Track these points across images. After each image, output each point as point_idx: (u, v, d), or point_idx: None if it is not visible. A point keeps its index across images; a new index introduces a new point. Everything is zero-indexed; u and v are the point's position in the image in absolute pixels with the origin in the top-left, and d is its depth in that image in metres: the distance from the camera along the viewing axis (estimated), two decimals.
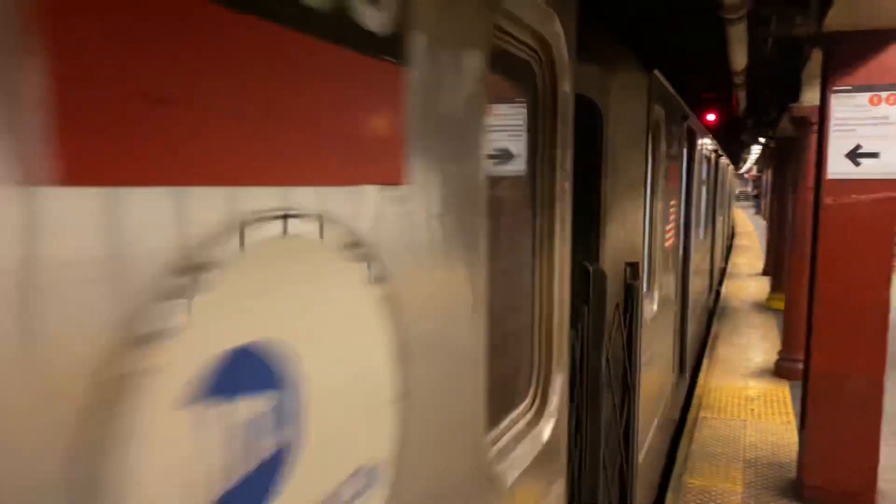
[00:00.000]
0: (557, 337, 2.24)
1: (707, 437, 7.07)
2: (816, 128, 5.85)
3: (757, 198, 54.25)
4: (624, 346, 4.00)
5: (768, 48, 7.02)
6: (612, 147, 3.51)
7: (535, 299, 2.18)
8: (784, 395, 8.42)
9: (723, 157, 15.12)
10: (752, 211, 54.40)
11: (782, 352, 9.38)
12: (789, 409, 7.84)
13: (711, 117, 10.64)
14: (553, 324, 2.21)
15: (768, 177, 26.28)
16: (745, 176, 59.19)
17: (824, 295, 5.40)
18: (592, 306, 3.15)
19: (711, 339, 11.29)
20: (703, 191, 10.25)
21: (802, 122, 8.49)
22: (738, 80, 7.68)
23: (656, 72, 4.88)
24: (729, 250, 24.52)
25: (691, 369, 8.80)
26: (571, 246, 2.38)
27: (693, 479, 6.09)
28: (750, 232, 34.87)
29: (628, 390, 4.10)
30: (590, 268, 3.15)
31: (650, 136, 4.77)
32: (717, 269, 16.00)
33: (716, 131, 11.40)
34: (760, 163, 30.91)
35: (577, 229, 2.47)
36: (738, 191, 55.12)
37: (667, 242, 5.80)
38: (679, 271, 7.12)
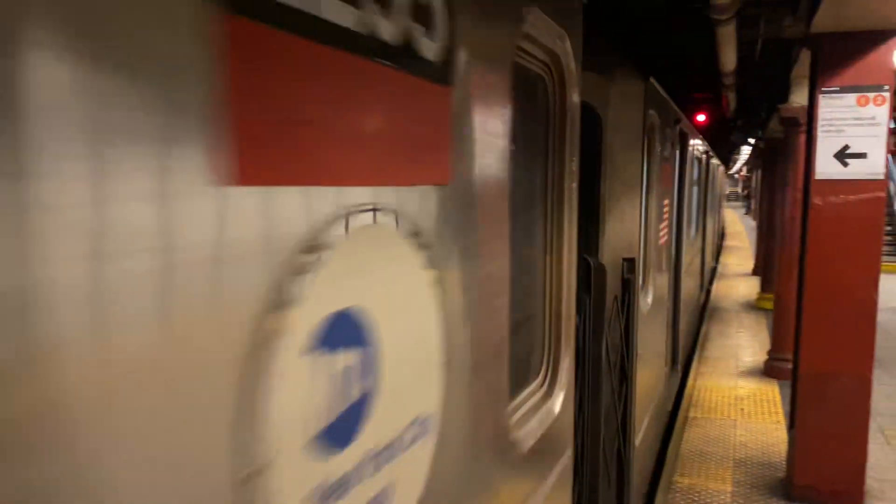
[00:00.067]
0: (565, 323, 2.44)
1: (697, 436, 7.09)
2: (805, 128, 5.89)
3: (747, 198, 54.55)
4: (621, 336, 4.19)
5: (757, 49, 7.06)
6: (610, 150, 3.70)
7: (546, 288, 2.38)
8: (774, 394, 8.46)
9: (713, 159, 15.23)
10: (742, 211, 54.67)
11: (772, 351, 9.43)
12: (779, 409, 7.88)
13: (701, 118, 10.69)
14: (562, 310, 2.41)
15: (758, 177, 26.42)
16: (735, 176, 59.52)
17: (813, 295, 5.42)
18: (593, 298, 3.35)
19: (701, 339, 11.34)
20: (695, 191, 10.38)
21: (791, 123, 8.54)
22: (728, 80, 7.71)
23: (652, 80, 5.08)
24: (719, 250, 24.65)
25: (683, 364, 8.97)
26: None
27: (682, 478, 6.11)
28: (740, 232, 35.04)
29: (626, 377, 4.29)
30: (591, 262, 3.33)
31: (646, 139, 4.95)
32: (708, 268, 16.10)
33: (706, 132, 11.45)
34: (750, 163, 31.08)
35: (579, 226, 2.64)
36: (728, 191, 55.39)
37: (661, 240, 5.99)
38: (672, 268, 7.29)
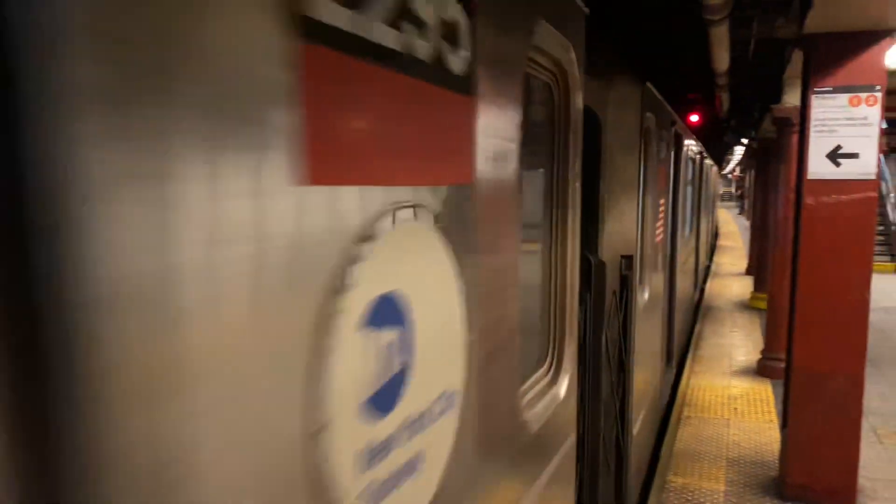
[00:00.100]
0: (569, 314, 2.59)
1: (690, 435, 7.11)
2: (797, 128, 5.91)
3: (740, 198, 54.71)
4: (620, 330, 4.33)
5: (750, 49, 7.09)
6: (609, 151, 3.83)
7: (552, 281, 2.54)
8: (767, 393, 8.49)
9: (707, 159, 15.29)
10: (736, 211, 54.84)
11: (765, 351, 9.45)
12: (772, 408, 7.91)
13: (695, 118, 10.73)
14: (566, 303, 2.55)
15: (751, 177, 26.51)
16: (729, 176, 59.71)
17: (805, 294, 5.44)
18: (594, 293, 3.49)
19: (695, 338, 11.37)
20: (689, 191, 10.44)
21: (784, 123, 8.56)
22: (721, 81, 7.74)
23: (648, 84, 5.25)
24: (713, 249, 24.73)
25: (678, 361, 9.07)
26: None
27: (676, 477, 6.13)
28: (733, 232, 35.14)
29: (623, 370, 4.43)
30: (591, 259, 3.47)
31: (643, 141, 5.10)
32: (702, 267, 16.18)
33: (700, 132, 11.48)
34: (743, 163, 31.18)
35: (580, 224, 2.82)
36: (721, 191, 55.55)
37: (657, 239, 6.13)
38: (667, 266, 7.44)
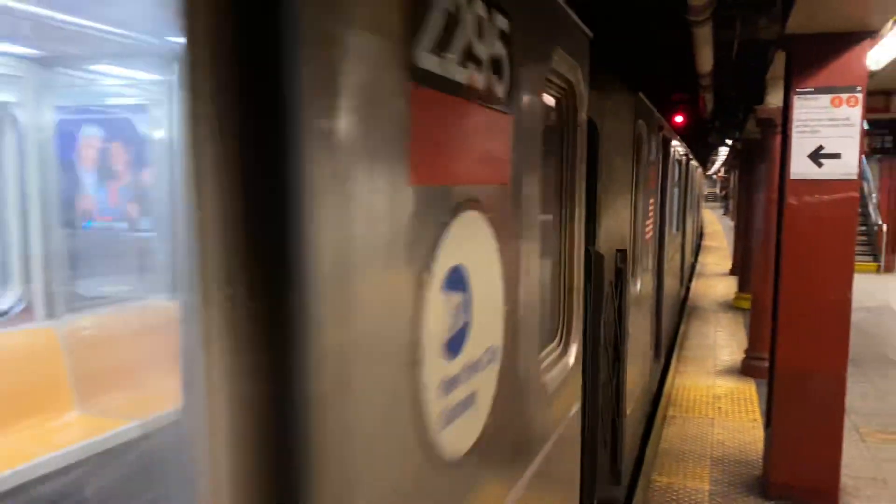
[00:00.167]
0: (576, 296, 2.95)
1: (675, 434, 7.13)
2: (780, 129, 5.94)
3: (725, 199, 55.10)
4: (615, 318, 4.66)
5: (734, 50, 7.12)
6: (605, 156, 4.20)
7: (562, 267, 2.90)
8: (751, 393, 8.54)
9: (692, 161, 15.42)
10: (721, 212, 55.21)
11: (749, 350, 9.51)
12: (756, 407, 7.95)
13: (679, 119, 10.77)
14: (573, 286, 2.92)
15: (735, 178, 26.69)
16: (714, 177, 60.07)
17: (788, 294, 5.47)
18: (593, 281, 3.77)
19: (680, 337, 11.42)
20: (676, 192, 10.62)
21: (767, 124, 8.62)
22: (705, 81, 7.78)
23: (640, 94, 5.70)
24: (698, 248, 24.89)
25: (665, 354, 9.29)
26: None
27: (661, 477, 6.14)
28: (718, 232, 35.39)
29: (618, 353, 4.78)
30: (591, 251, 3.75)
31: (635, 147, 5.53)
32: (688, 264, 16.31)
33: (684, 134, 11.54)
34: (728, 164, 31.40)
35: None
36: (706, 192, 55.88)
37: (647, 235, 6.51)
38: (656, 260, 7.79)
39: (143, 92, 4.50)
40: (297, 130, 0.95)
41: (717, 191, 69.25)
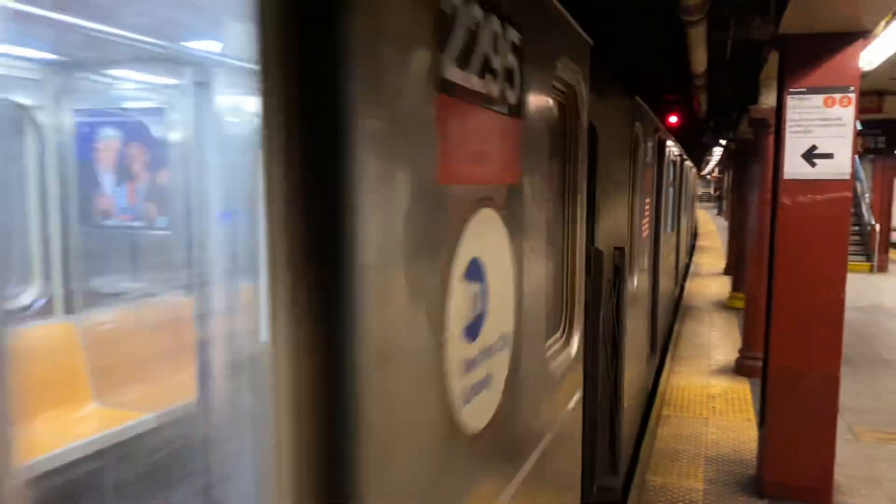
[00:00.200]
0: (578, 291, 3.11)
1: (669, 434, 7.14)
2: (774, 129, 5.95)
3: (719, 199, 55.23)
4: (613, 312, 4.81)
5: (728, 51, 7.14)
6: (604, 157, 4.34)
7: (565, 262, 3.06)
8: (745, 392, 8.56)
9: (687, 161, 15.48)
10: (715, 212, 55.34)
11: (743, 350, 9.53)
12: (750, 407, 7.97)
13: (674, 119, 10.79)
14: (576, 280, 3.08)
15: (729, 178, 26.75)
16: (708, 177, 60.25)
17: (782, 294, 5.49)
18: (593, 278, 3.91)
19: (674, 337, 11.45)
20: (671, 192, 10.69)
21: (761, 124, 8.64)
22: (699, 82, 7.79)
23: (637, 98, 5.91)
24: (692, 248, 24.96)
25: (661, 351, 9.42)
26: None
27: (655, 476, 6.14)
28: (712, 232, 35.47)
29: (616, 346, 4.96)
30: (591, 248, 3.90)
31: (632, 148, 5.72)
32: (682, 264, 16.37)
33: (679, 134, 11.56)
34: (722, 164, 31.48)
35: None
36: (700, 192, 56.01)
37: (643, 233, 6.70)
38: (652, 258, 7.94)
39: (159, 95, 4.54)
40: (348, 137, 1.13)
41: (711, 191, 69.45)
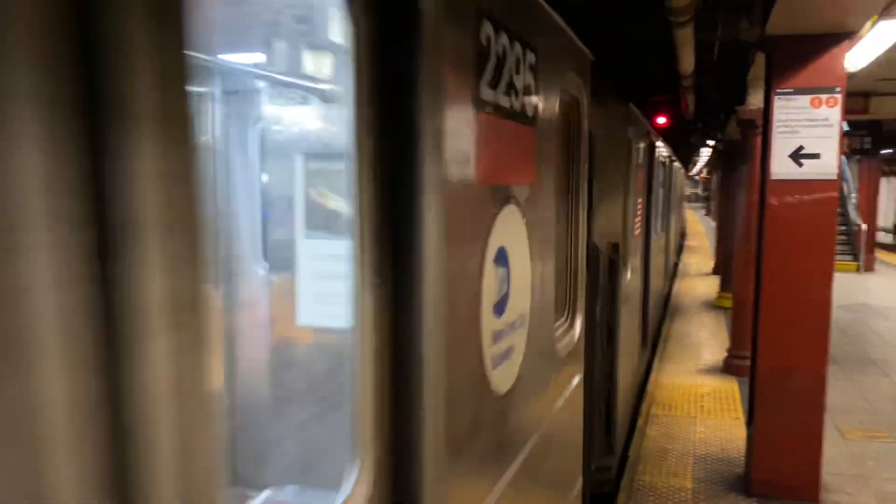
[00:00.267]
0: (580, 280, 3.41)
1: (658, 433, 7.16)
2: (761, 130, 5.99)
3: (707, 199, 55.50)
4: (609, 303, 5.10)
5: (715, 52, 7.17)
6: (600, 160, 4.59)
7: (569, 254, 3.33)
8: (733, 391, 8.60)
9: (675, 162, 15.58)
10: (703, 212, 55.61)
11: (731, 349, 9.58)
12: (738, 406, 8.01)
13: (662, 120, 10.84)
14: (578, 271, 3.38)
15: (717, 179, 26.88)
16: (696, 178, 60.50)
17: (769, 293, 5.52)
18: (591, 270, 4.12)
19: (663, 336, 11.49)
20: (660, 192, 10.79)
21: (748, 125, 8.69)
22: (687, 83, 7.83)
23: (631, 105, 6.27)
24: (681, 248, 25.09)
25: (651, 345, 9.65)
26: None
27: (643, 475, 6.17)
28: (700, 232, 35.66)
29: (612, 335, 5.25)
30: (590, 242, 4.12)
31: (626, 151, 6.11)
32: (671, 262, 16.47)
33: (667, 135, 11.61)
34: (710, 165, 31.63)
35: None
36: (688, 192, 56.24)
37: (636, 232, 7.05)
38: (643, 254, 8.28)
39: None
40: (417, 147, 1.46)
41: (700, 191, 69.77)
